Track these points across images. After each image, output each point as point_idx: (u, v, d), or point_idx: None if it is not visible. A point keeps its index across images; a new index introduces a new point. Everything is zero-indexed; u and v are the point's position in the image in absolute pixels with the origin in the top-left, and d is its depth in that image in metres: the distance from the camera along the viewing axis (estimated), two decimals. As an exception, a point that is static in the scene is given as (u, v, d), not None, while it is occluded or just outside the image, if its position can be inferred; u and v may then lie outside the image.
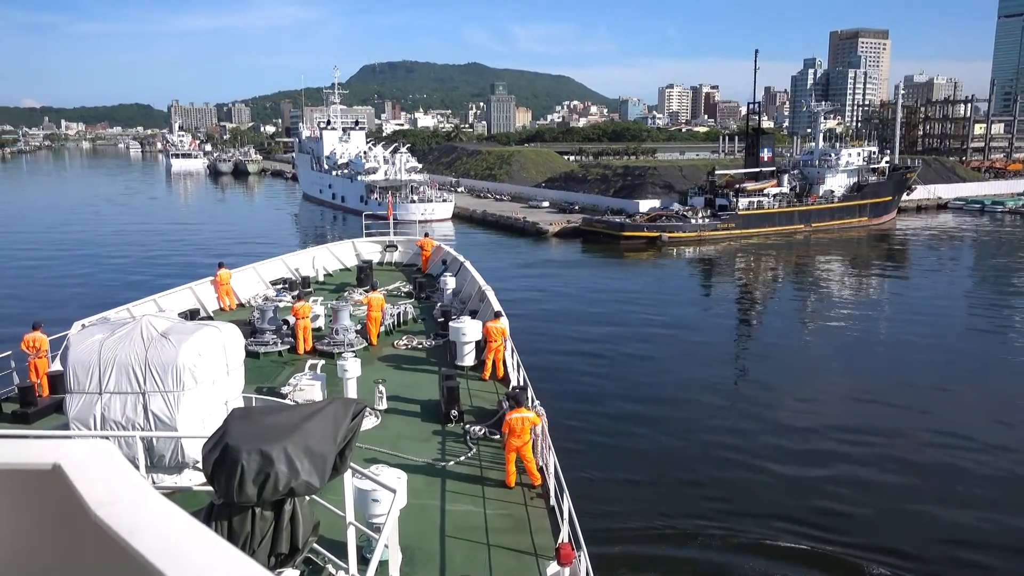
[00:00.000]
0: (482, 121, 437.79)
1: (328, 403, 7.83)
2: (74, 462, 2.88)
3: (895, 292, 54.94)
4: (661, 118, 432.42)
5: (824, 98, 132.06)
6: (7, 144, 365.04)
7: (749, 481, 23.17)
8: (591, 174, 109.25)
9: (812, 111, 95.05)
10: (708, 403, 30.07)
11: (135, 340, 11.51)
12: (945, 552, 19.48)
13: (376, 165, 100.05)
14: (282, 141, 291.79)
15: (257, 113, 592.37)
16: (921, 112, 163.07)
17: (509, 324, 18.66)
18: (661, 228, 74.58)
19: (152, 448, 11.39)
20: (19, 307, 41.32)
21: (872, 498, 22.05)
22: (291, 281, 27.56)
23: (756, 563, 18.68)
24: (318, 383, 16.05)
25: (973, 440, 26.32)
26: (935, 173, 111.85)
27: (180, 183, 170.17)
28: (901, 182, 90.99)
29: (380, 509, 9.29)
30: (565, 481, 11.32)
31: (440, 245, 32.05)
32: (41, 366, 17.13)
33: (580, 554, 9.88)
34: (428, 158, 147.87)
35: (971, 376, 34.23)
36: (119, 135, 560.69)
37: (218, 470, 7.08)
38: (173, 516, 2.60)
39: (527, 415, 12.59)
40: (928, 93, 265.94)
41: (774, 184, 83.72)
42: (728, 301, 53.58)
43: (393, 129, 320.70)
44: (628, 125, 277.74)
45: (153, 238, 77.07)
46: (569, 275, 58.97)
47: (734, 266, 66.24)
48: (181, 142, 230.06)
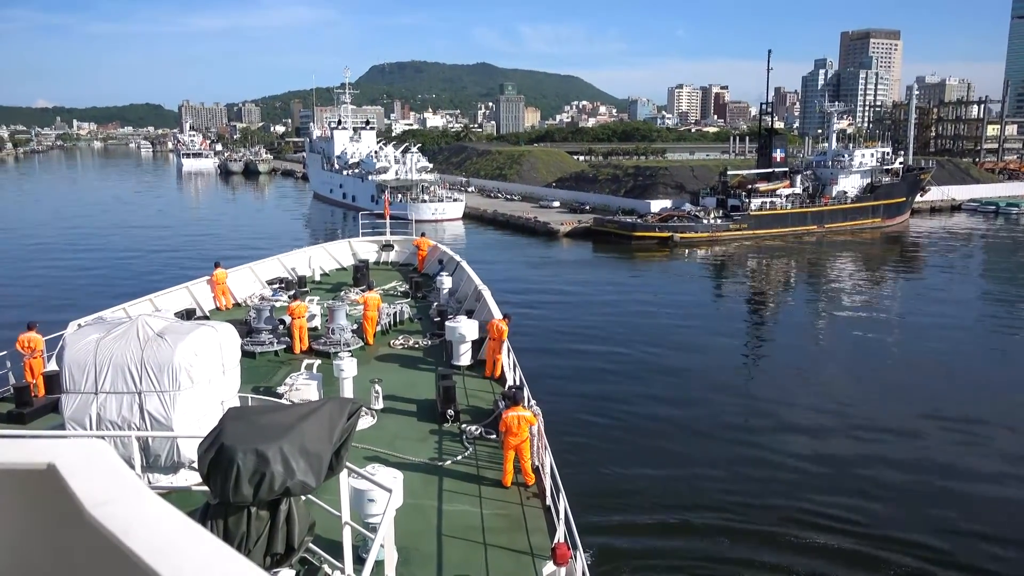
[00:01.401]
0: (491, 121, 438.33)
1: (324, 403, 7.81)
2: (69, 462, 2.87)
3: (909, 294, 54.60)
4: (671, 118, 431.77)
5: (835, 99, 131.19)
6: (20, 144, 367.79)
7: (747, 481, 23.11)
8: (602, 174, 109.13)
9: (825, 112, 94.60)
10: (709, 403, 29.94)
11: (131, 340, 11.47)
12: (954, 552, 19.33)
13: (387, 165, 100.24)
14: (292, 141, 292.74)
15: (267, 113, 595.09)
16: (934, 113, 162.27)
17: (514, 323, 18.61)
18: (673, 228, 74.36)
19: (148, 448, 11.35)
20: (15, 307, 41.16)
21: (882, 501, 21.86)
22: (287, 281, 27.54)
23: (753, 562, 18.72)
24: (314, 383, 16.02)
25: (987, 439, 26.26)
26: (948, 174, 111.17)
27: (191, 182, 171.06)
28: (915, 183, 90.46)
29: (376, 509, 9.25)
30: (561, 481, 11.34)
31: (436, 245, 31.94)
32: (36, 366, 17.05)
33: (576, 554, 9.92)
34: (438, 158, 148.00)
35: (988, 377, 33.96)
36: (130, 135, 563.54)
37: (214, 470, 7.05)
38: (168, 516, 2.58)
39: (523, 414, 12.58)
40: (940, 94, 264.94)
41: (787, 185, 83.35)
42: (738, 301, 53.29)
43: (403, 129, 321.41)
44: (638, 125, 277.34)
45: (167, 235, 77.39)
46: (579, 275, 58.88)
47: (746, 267, 65.95)
48: (192, 142, 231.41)
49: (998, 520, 20.80)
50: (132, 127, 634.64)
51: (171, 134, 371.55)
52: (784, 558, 18.86)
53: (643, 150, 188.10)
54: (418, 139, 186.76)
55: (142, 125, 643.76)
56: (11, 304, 43.29)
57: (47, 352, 17.48)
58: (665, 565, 18.48)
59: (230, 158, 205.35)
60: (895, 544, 19.44)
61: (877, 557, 18.93)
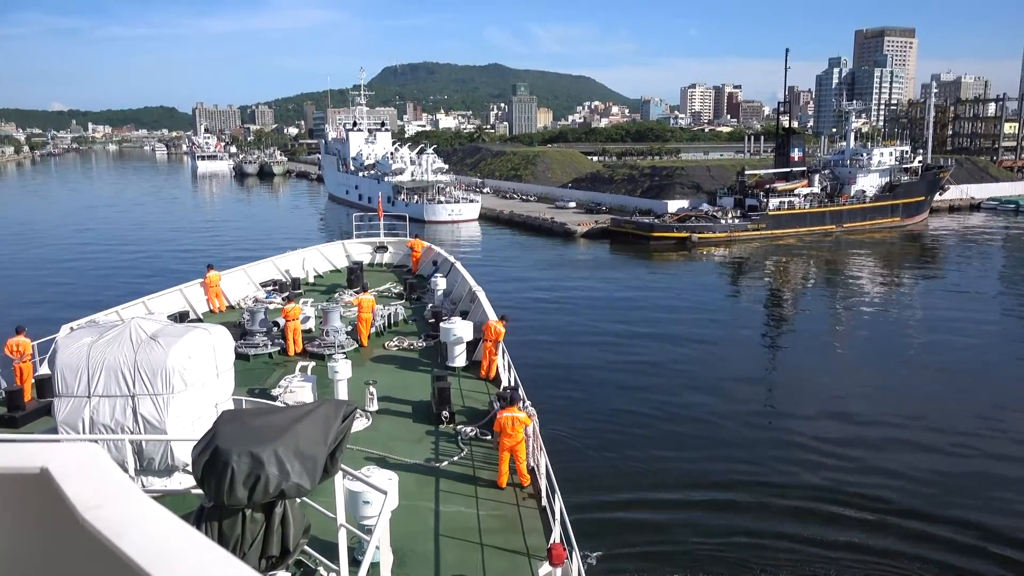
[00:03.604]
0: (503, 122, 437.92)
1: (319, 405, 7.75)
2: (62, 465, 2.84)
3: (930, 294, 54.12)
4: (683, 118, 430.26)
5: (851, 97, 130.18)
6: (37, 147, 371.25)
7: (744, 480, 23.04)
8: (617, 174, 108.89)
9: (843, 110, 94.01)
10: (708, 403, 29.82)
11: (124, 343, 11.44)
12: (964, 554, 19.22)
13: (403, 166, 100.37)
14: (306, 143, 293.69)
15: (280, 115, 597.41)
16: (951, 111, 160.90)
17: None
18: (691, 229, 74.11)
19: (142, 451, 11.31)
20: (11, 307, 41.11)
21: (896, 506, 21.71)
22: (281, 283, 27.52)
23: (748, 562, 18.71)
24: (309, 385, 16.02)
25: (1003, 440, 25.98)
26: (967, 173, 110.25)
27: (206, 184, 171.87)
28: (934, 182, 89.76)
29: (371, 511, 9.23)
30: (557, 482, 11.36)
31: (430, 246, 31.89)
32: (26, 370, 16.90)
33: (572, 554, 9.94)
34: (452, 159, 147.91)
35: (1007, 379, 33.65)
36: (144, 137, 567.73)
37: (208, 473, 6.99)
38: (162, 519, 2.56)
39: (518, 415, 12.60)
40: (956, 92, 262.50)
41: (805, 184, 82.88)
42: (757, 301, 53.03)
43: (416, 130, 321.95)
44: (651, 125, 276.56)
45: (187, 236, 77.85)
46: (596, 275, 58.81)
47: (765, 267, 65.63)
48: (207, 144, 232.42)
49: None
50: (146, 130, 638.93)
51: (185, 136, 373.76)
52: (781, 559, 18.86)
53: (657, 150, 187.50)
54: (431, 140, 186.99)
55: (156, 128, 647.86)
56: (11, 304, 43.38)
57: (40, 356, 17.30)
58: (661, 566, 18.48)
59: (245, 160, 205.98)
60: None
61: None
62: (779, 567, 18.52)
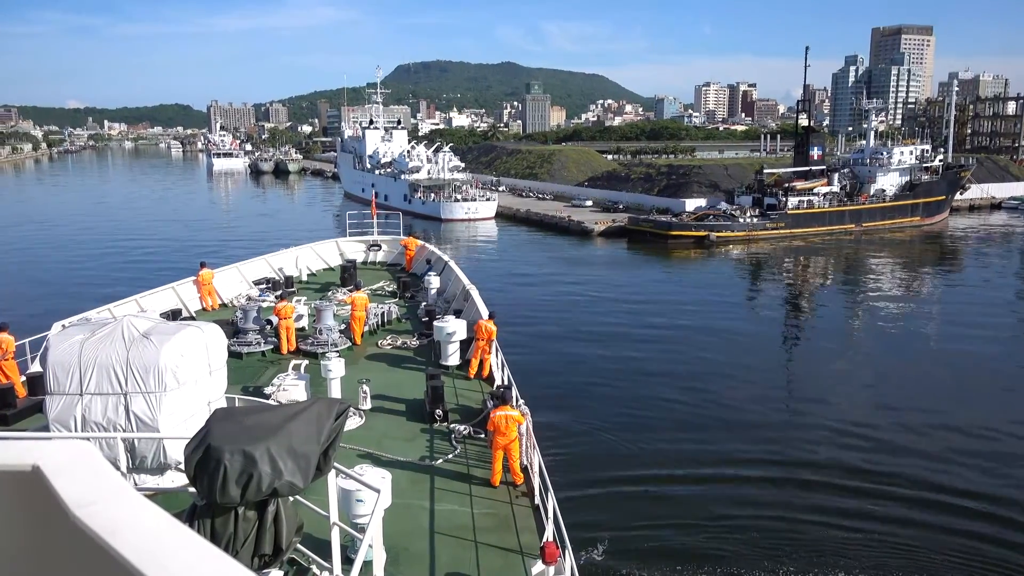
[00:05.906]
0: (517, 120, 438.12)
1: (311, 403, 7.77)
2: (53, 463, 2.82)
3: (951, 294, 53.60)
4: (698, 116, 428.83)
5: (868, 96, 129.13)
6: (54, 144, 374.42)
7: (741, 481, 22.97)
8: (634, 173, 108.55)
9: (863, 109, 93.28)
10: (710, 403, 29.64)
11: (116, 341, 11.40)
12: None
13: (419, 164, 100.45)
14: (320, 140, 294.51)
15: (294, 113, 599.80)
16: (970, 110, 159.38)
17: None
18: (709, 227, 73.83)
19: (134, 449, 11.27)
20: (10, 306, 40.62)
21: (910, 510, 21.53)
22: (274, 281, 27.51)
23: (740, 560, 18.69)
24: (302, 383, 16.00)
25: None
26: (987, 172, 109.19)
27: (222, 182, 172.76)
28: (955, 181, 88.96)
29: (364, 509, 9.22)
30: (550, 480, 11.37)
31: (424, 244, 31.82)
32: (9, 368, 16.67)
33: (565, 553, 9.96)
34: (467, 157, 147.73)
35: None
36: (160, 135, 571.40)
37: (200, 471, 7.00)
38: (154, 517, 2.53)
39: (511, 413, 12.60)
40: (974, 90, 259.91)
41: (824, 183, 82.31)
42: (776, 299, 52.76)
43: (429, 128, 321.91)
44: (666, 124, 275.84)
45: (207, 233, 78.25)
46: (613, 273, 58.69)
47: (783, 266, 65.26)
48: (222, 142, 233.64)
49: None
50: (162, 127, 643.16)
51: (200, 134, 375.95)
52: (778, 559, 18.80)
53: (672, 148, 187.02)
54: (446, 139, 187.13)
55: (171, 125, 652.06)
56: (7, 304, 43.02)
57: (32, 353, 17.18)
58: (654, 564, 18.44)
59: (260, 158, 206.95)
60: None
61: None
62: (777, 566, 18.47)
